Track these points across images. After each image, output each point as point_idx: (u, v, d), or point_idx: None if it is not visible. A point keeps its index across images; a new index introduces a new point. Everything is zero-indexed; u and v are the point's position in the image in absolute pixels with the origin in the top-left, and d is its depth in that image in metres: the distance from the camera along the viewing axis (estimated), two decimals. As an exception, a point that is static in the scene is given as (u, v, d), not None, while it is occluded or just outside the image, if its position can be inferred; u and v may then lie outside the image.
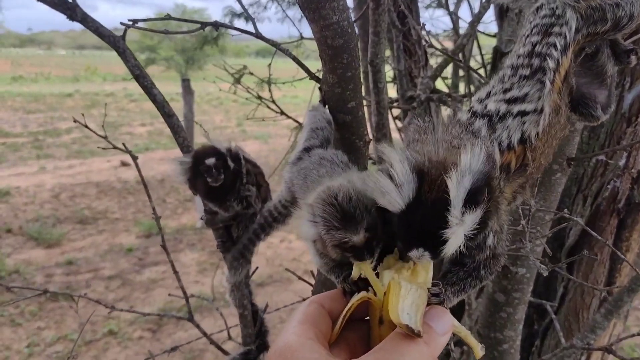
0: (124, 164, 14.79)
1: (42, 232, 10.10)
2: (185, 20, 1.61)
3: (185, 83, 10.97)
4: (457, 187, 0.92)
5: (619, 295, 1.96)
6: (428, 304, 0.98)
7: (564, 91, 1.21)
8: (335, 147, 1.60)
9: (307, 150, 1.56)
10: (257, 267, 2.20)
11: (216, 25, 1.57)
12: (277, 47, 1.66)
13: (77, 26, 1.62)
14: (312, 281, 1.86)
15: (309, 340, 0.91)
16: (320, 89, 1.61)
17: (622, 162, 2.38)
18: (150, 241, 10.20)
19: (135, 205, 11.86)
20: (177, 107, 12.45)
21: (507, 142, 1.11)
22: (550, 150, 1.25)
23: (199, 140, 16.25)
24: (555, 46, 1.18)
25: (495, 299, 2.00)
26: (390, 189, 0.97)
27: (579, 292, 2.44)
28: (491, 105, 1.17)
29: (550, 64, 1.16)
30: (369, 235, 1.03)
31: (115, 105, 23.81)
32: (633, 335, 1.73)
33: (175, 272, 2.13)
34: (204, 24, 1.58)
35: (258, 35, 1.63)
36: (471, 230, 0.94)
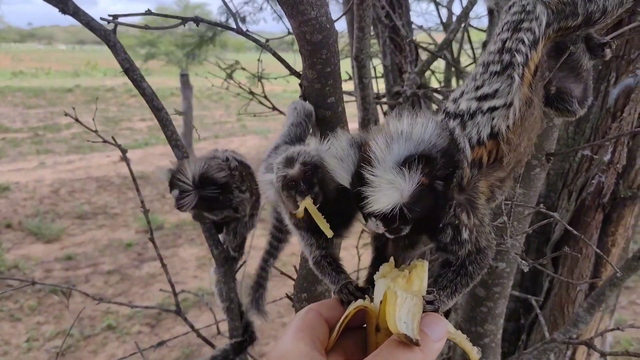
0: (123, 159, 14.78)
1: (42, 227, 10.13)
2: (165, 16, 1.62)
3: (184, 78, 10.98)
4: (384, 149, 0.98)
5: (601, 290, 1.98)
6: (423, 312, 1.00)
7: (535, 84, 1.22)
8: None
9: (276, 148, 1.58)
10: (244, 261, 2.21)
11: (196, 20, 1.59)
12: (260, 44, 1.67)
13: (76, 21, 1.62)
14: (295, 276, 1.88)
15: (307, 347, 0.93)
16: (300, 84, 1.62)
17: (607, 157, 2.39)
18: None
19: (134, 200, 11.88)
20: (178, 101, 12.49)
21: (477, 137, 1.13)
22: (528, 143, 1.26)
23: (197, 135, 16.26)
24: (523, 41, 1.19)
25: (475, 294, 2.02)
26: (335, 164, 1.08)
27: (564, 286, 2.45)
28: (463, 104, 1.19)
29: (519, 58, 1.17)
30: (305, 168, 1.18)
31: (116, 100, 23.82)
32: (613, 329, 1.74)
33: (164, 265, 2.15)
34: (184, 20, 1.59)
35: (239, 31, 1.65)
36: (412, 198, 0.98)
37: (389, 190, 0.96)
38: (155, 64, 26.16)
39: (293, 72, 1.66)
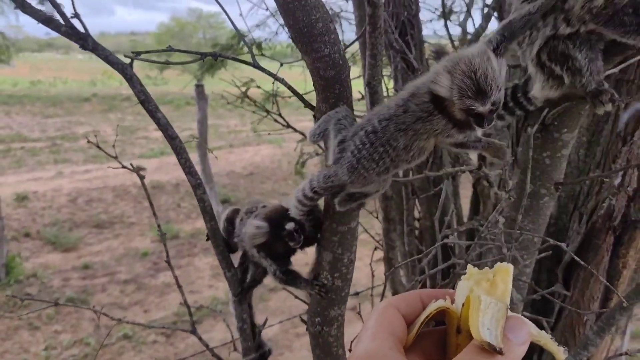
0: (140, 168, 14.91)
1: (59, 237, 10.28)
2: (185, 52, 1.68)
3: (199, 89, 11.07)
4: None
5: (611, 313, 2.00)
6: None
7: None
8: None
9: (342, 141, 1.58)
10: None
11: (215, 56, 1.64)
12: (274, 77, 1.73)
13: (94, 31, 1.68)
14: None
15: (390, 350, 0.92)
16: (314, 116, 1.67)
17: (617, 181, 2.41)
18: (165, 245, 10.30)
19: (150, 209, 11.96)
20: (193, 110, 12.57)
21: None
22: None
23: (212, 144, 16.38)
24: None
25: None
26: None
27: (575, 308, 2.47)
28: None
29: None
30: (494, 108, 1.33)
31: (132, 110, 24.03)
32: (620, 355, 1.76)
33: (179, 286, 2.20)
34: (203, 55, 1.65)
35: (255, 65, 1.70)
36: None
37: None
38: (172, 73, 26.35)
39: (307, 104, 1.71)
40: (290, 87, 1.73)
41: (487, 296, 0.98)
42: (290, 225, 1.83)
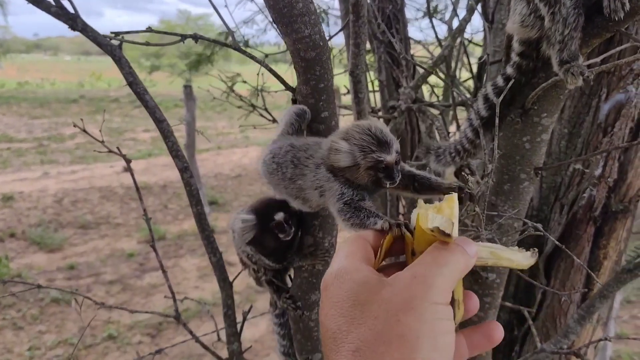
0: (126, 169, 14.82)
1: (45, 237, 10.19)
2: (165, 33, 1.68)
3: (188, 90, 11.04)
4: None
5: (591, 302, 2.01)
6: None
7: None
8: None
9: (274, 142, 1.65)
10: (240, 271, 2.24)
11: (195, 37, 1.64)
12: (257, 60, 1.73)
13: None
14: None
15: (360, 263, 1.00)
16: (293, 99, 1.67)
17: (598, 172, 2.43)
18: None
19: (137, 210, 11.93)
20: (181, 112, 12.56)
21: None
22: None
23: (200, 146, 16.33)
24: None
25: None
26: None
27: (557, 298, 2.48)
28: None
29: None
30: (398, 158, 1.31)
31: (120, 111, 23.94)
32: (600, 340, 1.78)
33: (164, 271, 2.18)
34: (183, 37, 1.65)
35: (236, 48, 1.70)
36: None
37: None
38: (160, 75, 26.28)
39: (287, 87, 1.72)
40: (271, 70, 1.73)
41: (434, 213, 1.03)
42: (279, 215, 1.75)
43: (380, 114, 2.91)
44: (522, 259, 1.08)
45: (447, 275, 0.94)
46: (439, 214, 1.05)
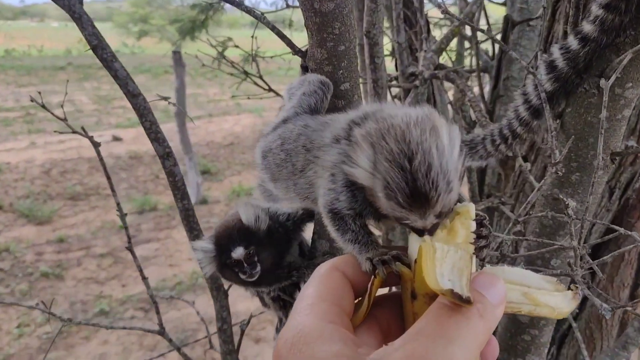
0: (115, 138, 14.49)
1: (33, 209, 9.91)
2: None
3: (177, 55, 10.62)
4: None
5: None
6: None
7: None
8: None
9: (285, 121, 1.30)
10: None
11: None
12: (256, 17, 1.41)
13: None
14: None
15: (331, 324, 0.69)
16: (303, 66, 1.35)
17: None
18: (143, 218, 10.02)
19: (127, 181, 11.64)
20: (171, 79, 12.14)
21: None
22: None
23: (191, 113, 15.95)
24: None
25: (517, 319, 1.71)
26: None
27: (603, 295, 2.19)
28: None
29: None
30: (438, 221, 0.83)
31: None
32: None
33: (144, 278, 1.90)
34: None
35: (233, 2, 1.39)
36: None
37: None
38: (149, 41, 25.69)
39: (296, 50, 1.39)
40: (274, 28, 1.40)
41: (443, 244, 0.75)
42: (238, 252, 1.37)
43: (397, 82, 2.57)
44: (563, 302, 0.80)
45: (460, 356, 0.63)
46: (450, 242, 0.78)
